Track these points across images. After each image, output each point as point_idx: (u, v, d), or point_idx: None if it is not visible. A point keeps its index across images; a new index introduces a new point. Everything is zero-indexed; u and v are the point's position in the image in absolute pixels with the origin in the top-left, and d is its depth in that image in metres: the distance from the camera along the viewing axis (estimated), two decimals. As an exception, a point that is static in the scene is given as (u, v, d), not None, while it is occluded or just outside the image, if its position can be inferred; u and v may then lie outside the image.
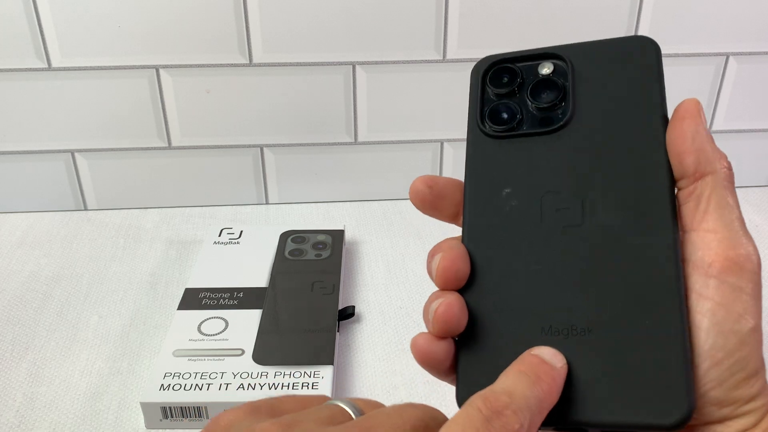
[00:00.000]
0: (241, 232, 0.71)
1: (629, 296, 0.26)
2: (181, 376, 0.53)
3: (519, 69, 0.31)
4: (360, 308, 0.65)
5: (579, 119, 0.29)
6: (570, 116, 0.29)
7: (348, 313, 0.62)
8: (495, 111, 0.31)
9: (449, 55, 0.75)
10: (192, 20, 0.71)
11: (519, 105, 0.30)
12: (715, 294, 0.25)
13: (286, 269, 0.65)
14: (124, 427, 0.52)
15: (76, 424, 0.52)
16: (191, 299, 0.61)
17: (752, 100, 0.80)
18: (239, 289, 0.62)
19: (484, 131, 0.31)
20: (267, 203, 0.82)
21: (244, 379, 0.52)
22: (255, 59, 0.74)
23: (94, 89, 0.74)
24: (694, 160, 0.26)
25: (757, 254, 0.26)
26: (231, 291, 0.62)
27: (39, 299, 0.65)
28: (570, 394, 0.26)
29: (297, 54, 0.74)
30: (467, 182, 0.30)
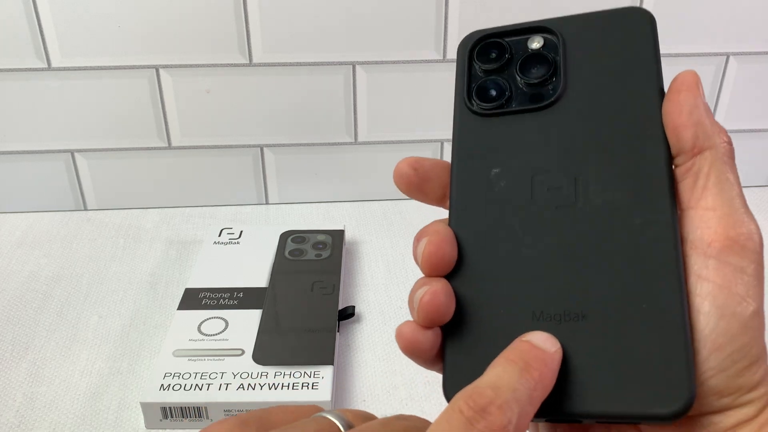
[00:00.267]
0: (241, 232, 0.71)
1: (625, 279, 0.25)
2: (181, 376, 0.53)
3: (507, 44, 0.29)
4: (360, 308, 0.65)
5: (571, 95, 0.28)
6: (561, 92, 0.28)
7: (348, 313, 0.62)
8: (483, 88, 0.29)
9: (449, 55, 0.75)
10: (192, 20, 0.71)
11: (508, 81, 0.29)
12: (715, 275, 0.24)
13: (286, 269, 0.65)
14: (124, 427, 0.52)
15: (76, 424, 0.52)
16: (191, 299, 0.61)
17: (752, 100, 0.80)
18: (239, 289, 0.62)
19: (472, 109, 0.29)
20: (267, 203, 0.82)
21: (244, 380, 0.52)
22: (255, 59, 0.74)
23: (94, 89, 0.74)
24: (692, 135, 0.25)
25: (759, 233, 0.24)
26: (231, 291, 0.62)
27: (39, 299, 0.65)
28: (563, 384, 0.24)
29: (297, 54, 0.74)
30: (454, 163, 0.29)
